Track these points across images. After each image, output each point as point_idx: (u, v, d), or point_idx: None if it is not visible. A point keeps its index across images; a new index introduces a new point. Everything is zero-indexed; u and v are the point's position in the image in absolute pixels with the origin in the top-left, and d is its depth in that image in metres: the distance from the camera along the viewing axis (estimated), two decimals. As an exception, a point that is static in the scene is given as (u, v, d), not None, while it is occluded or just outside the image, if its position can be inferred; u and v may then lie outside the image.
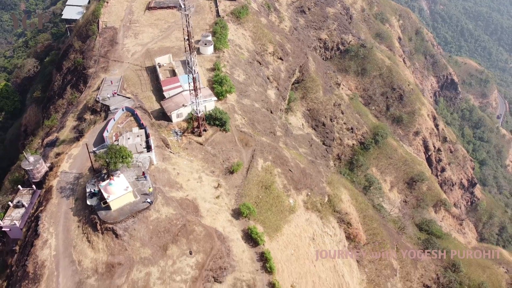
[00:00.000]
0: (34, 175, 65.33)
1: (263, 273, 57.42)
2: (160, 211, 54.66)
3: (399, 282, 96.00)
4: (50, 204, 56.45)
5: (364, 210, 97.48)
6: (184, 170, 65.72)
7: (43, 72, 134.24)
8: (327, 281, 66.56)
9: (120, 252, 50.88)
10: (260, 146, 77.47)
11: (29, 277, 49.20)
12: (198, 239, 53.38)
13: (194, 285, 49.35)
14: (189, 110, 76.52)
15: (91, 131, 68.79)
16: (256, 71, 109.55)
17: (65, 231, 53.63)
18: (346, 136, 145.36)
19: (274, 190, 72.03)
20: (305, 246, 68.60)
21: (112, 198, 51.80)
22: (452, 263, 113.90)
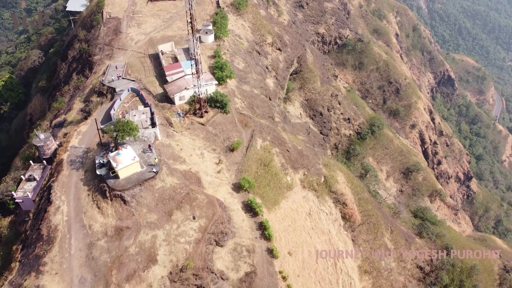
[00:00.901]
0: (45, 151, 68.92)
1: (261, 240, 61.06)
2: (165, 181, 58.26)
3: (393, 262, 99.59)
4: (61, 175, 59.99)
5: (359, 193, 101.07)
6: (187, 146, 69.32)
7: (48, 62, 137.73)
8: (322, 250, 70.12)
9: (128, 217, 54.45)
10: (259, 127, 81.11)
11: (43, 239, 52.73)
12: (201, 206, 56.97)
13: (198, 246, 52.91)
14: (191, 93, 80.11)
15: (99, 110, 72.36)
16: (255, 60, 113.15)
17: (76, 199, 57.16)
18: (343, 126, 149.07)
19: (272, 168, 75.64)
20: (302, 220, 72.20)
21: (120, 167, 55.37)
22: (445, 246, 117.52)
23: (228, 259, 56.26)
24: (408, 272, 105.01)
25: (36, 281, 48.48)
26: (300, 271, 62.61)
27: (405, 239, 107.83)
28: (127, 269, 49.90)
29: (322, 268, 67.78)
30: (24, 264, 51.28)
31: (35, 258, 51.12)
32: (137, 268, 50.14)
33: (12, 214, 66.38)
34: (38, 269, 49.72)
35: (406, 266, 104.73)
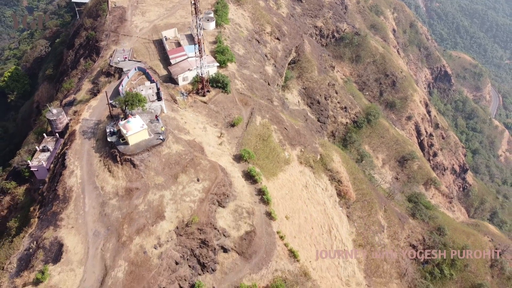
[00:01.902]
0: (57, 125, 73.45)
1: (260, 204, 65.64)
2: (171, 147, 62.85)
3: (386, 238, 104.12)
4: (74, 143, 64.58)
5: (354, 174, 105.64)
6: (190, 120, 73.90)
7: (54, 52, 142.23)
8: (318, 220, 74.68)
9: (137, 179, 59.02)
10: (258, 106, 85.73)
11: (59, 198, 57.28)
12: (204, 170, 61.53)
13: (202, 204, 57.48)
14: (194, 74, 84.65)
15: (107, 87, 76.86)
16: (254, 48, 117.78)
17: (88, 164, 61.75)
18: (340, 114, 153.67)
19: (270, 143, 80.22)
20: (298, 190, 76.78)
21: (130, 133, 59.94)
22: (438, 227, 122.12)
23: (230, 219, 60.83)
24: (402, 250, 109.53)
25: (54, 233, 53.04)
26: (296, 233, 67.15)
27: (398, 219, 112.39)
28: (137, 224, 54.43)
29: (318, 233, 72.31)
30: (43, 220, 55.83)
31: (52, 214, 55.68)
32: (146, 223, 54.68)
33: (27, 182, 70.80)
34: (56, 223, 54.29)
35: (399, 244, 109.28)
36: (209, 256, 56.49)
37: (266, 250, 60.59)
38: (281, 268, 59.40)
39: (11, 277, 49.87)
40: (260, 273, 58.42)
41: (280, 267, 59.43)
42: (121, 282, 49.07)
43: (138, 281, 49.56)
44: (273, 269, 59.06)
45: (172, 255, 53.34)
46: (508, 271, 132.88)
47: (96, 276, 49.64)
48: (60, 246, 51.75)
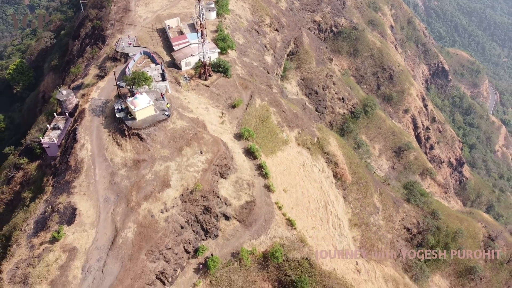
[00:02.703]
0: (67, 106, 77.30)
1: (259, 178, 69.65)
2: (176, 123, 66.79)
3: (381, 220, 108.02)
4: (84, 120, 68.53)
5: (351, 158, 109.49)
6: (193, 101, 77.85)
7: (59, 43, 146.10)
8: (314, 195, 78.59)
9: (144, 152, 62.97)
10: (258, 89, 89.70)
11: (71, 169, 61.22)
12: (207, 143, 65.47)
13: (205, 174, 61.42)
14: (196, 59, 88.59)
15: (114, 70, 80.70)
16: (254, 38, 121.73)
17: (98, 139, 65.69)
18: (338, 105, 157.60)
19: (269, 124, 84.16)
20: (296, 168, 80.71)
21: (137, 109, 63.87)
22: (432, 211, 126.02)
23: (231, 189, 64.78)
24: (396, 232, 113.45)
25: (67, 199, 56.96)
26: (294, 206, 71.02)
27: (393, 202, 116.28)
28: (144, 191, 58.37)
29: (314, 207, 76.20)
30: (56, 187, 59.75)
31: (65, 183, 59.62)
32: (153, 190, 58.61)
33: (39, 159, 74.64)
34: (69, 190, 58.23)
35: (394, 226, 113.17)
36: (211, 222, 60.43)
37: (265, 218, 64.56)
38: (279, 235, 63.32)
39: (28, 237, 53.77)
40: (259, 239, 62.37)
41: (278, 234, 63.34)
42: (131, 241, 53.00)
43: (147, 240, 53.50)
44: (272, 236, 62.97)
45: (177, 219, 57.29)
46: (501, 256, 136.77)
47: (108, 236, 53.56)
48: (73, 210, 55.67)
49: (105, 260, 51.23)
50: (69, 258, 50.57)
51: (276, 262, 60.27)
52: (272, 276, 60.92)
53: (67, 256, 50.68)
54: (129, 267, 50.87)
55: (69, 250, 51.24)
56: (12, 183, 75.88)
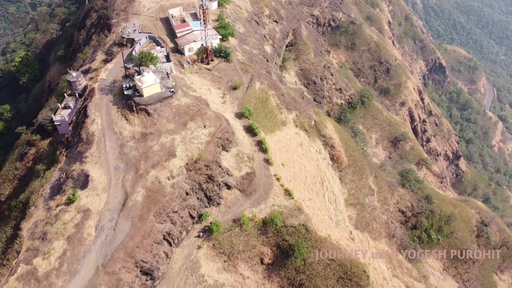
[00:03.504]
0: (76, 87, 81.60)
1: (259, 153, 73.96)
2: (180, 100, 71.07)
3: (376, 202, 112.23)
4: (94, 98, 72.79)
5: (347, 142, 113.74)
6: (196, 82, 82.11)
7: (65, 35, 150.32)
8: (311, 172, 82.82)
9: (151, 126, 67.24)
10: (258, 73, 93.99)
11: (83, 141, 65.48)
12: (210, 118, 69.73)
13: (208, 145, 65.69)
14: (199, 45, 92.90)
15: (121, 54, 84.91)
16: (254, 29, 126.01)
17: (107, 115, 69.95)
18: (335, 95, 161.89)
19: (269, 105, 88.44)
20: (294, 146, 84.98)
21: (144, 85, 68.12)
22: (426, 196, 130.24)
23: (232, 161, 69.06)
24: (391, 215, 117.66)
25: (80, 166, 61.25)
26: (291, 179, 75.19)
27: (388, 186, 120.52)
28: (152, 160, 62.63)
29: (311, 182, 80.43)
30: (70, 157, 64.03)
31: (78, 153, 63.90)
32: (160, 160, 62.86)
33: (50, 136, 78.86)
34: (81, 160, 62.51)
35: (389, 209, 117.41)
36: (214, 190, 64.71)
37: (264, 188, 68.85)
38: (277, 203, 67.58)
39: (45, 201, 58.02)
40: (259, 207, 66.66)
41: (276, 203, 67.61)
42: (140, 204, 57.27)
43: (155, 203, 57.77)
44: (271, 204, 67.24)
45: (182, 186, 61.55)
46: (493, 241, 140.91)
47: (118, 200, 57.83)
48: (86, 176, 59.95)
49: (117, 220, 55.48)
50: (83, 218, 54.84)
51: (274, 227, 64.48)
52: (271, 241, 65.15)
53: (81, 216, 54.94)
54: (139, 226, 55.13)
55: (83, 211, 55.50)
56: (25, 160, 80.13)
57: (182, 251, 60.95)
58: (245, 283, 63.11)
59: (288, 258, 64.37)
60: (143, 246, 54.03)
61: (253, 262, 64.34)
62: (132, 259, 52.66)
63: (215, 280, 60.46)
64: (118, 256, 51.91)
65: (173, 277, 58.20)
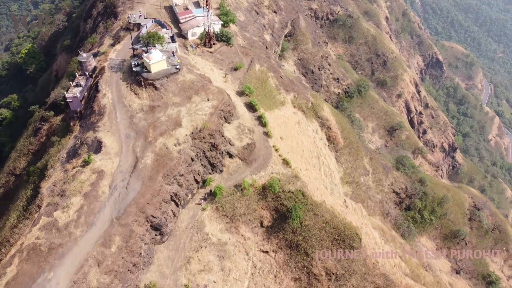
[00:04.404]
0: (87, 67, 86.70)
1: (259, 127, 79.07)
2: (185, 76, 76.14)
3: (371, 182, 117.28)
4: (104, 75, 77.82)
5: (343, 125, 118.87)
6: (199, 63, 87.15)
7: (71, 26, 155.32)
8: (308, 147, 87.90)
9: (158, 99, 72.29)
10: (258, 56, 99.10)
11: (95, 112, 70.53)
12: (213, 93, 74.77)
13: (211, 116, 70.73)
14: (201, 30, 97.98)
15: (130, 35, 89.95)
16: (254, 18, 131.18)
17: (117, 90, 74.98)
18: (333, 85, 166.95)
19: (268, 86, 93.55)
20: (292, 124, 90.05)
21: (152, 62, 73.17)
22: (420, 179, 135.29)
23: (234, 133, 74.12)
24: (386, 195, 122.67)
25: (94, 134, 66.32)
26: (289, 151, 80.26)
27: (383, 168, 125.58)
28: (160, 129, 67.66)
29: (308, 156, 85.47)
30: (83, 127, 69.12)
31: (91, 123, 68.96)
32: (167, 129, 67.89)
33: (63, 112, 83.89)
34: (95, 128, 67.56)
35: (383, 190, 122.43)
36: (217, 158, 69.78)
37: (264, 158, 73.91)
38: (276, 171, 72.60)
39: (62, 164, 63.07)
40: (259, 174, 71.71)
41: (275, 171, 72.63)
42: (150, 166, 62.32)
43: (163, 166, 62.82)
44: (270, 172, 72.28)
45: (188, 152, 66.61)
46: (486, 225, 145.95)
47: (129, 163, 62.86)
48: (99, 143, 64.99)
49: (128, 180, 60.51)
50: (98, 178, 59.87)
51: (273, 192, 69.45)
52: (270, 205, 70.17)
53: (96, 177, 59.98)
54: (149, 185, 60.16)
55: (97, 172, 60.54)
56: (39, 135, 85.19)
57: (187, 212, 66.01)
58: (246, 243, 68.16)
59: (286, 221, 69.36)
60: (152, 203, 59.06)
61: (254, 224, 69.37)
62: (143, 214, 57.69)
63: (218, 239, 65.50)
64: (131, 211, 56.94)
65: (180, 235, 63.26)
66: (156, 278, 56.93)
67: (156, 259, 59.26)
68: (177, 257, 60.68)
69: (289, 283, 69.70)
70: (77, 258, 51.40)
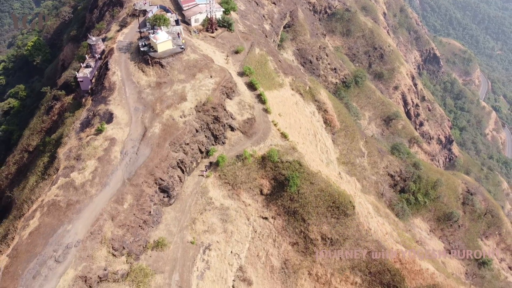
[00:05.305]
0: (96, 50, 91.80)
1: (259, 104, 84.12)
2: (190, 56, 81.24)
3: (367, 163, 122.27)
4: (113, 56, 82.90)
5: (339, 109, 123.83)
6: (202, 45, 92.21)
7: (77, 17, 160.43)
8: (305, 125, 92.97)
9: (164, 76, 77.37)
10: (257, 41, 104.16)
11: (106, 88, 75.61)
12: (216, 71, 79.85)
13: (214, 91, 75.81)
14: (204, 16, 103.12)
15: (137, 19, 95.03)
16: (253, 8, 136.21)
17: (126, 69, 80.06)
18: (330, 74, 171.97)
19: (267, 68, 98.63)
20: (290, 104, 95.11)
21: (158, 42, 78.26)
22: (414, 162, 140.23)
23: (235, 108, 79.19)
24: (381, 178, 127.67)
25: (105, 107, 71.41)
26: (287, 127, 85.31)
27: (378, 151, 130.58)
28: (166, 103, 72.72)
29: (305, 133, 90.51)
30: (95, 101, 74.20)
31: (102, 98, 74.05)
32: (173, 102, 72.96)
33: (74, 92, 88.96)
34: (106, 102, 72.65)
35: (378, 172, 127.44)
36: (220, 130, 74.85)
37: (263, 131, 78.98)
38: (274, 143, 77.64)
39: (77, 133, 68.14)
40: (258, 146, 76.78)
41: (274, 143, 77.67)
42: (157, 134, 67.39)
43: (170, 135, 67.89)
44: (269, 144, 77.33)
45: (193, 124, 71.68)
46: (479, 209, 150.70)
47: (139, 132, 67.94)
48: (110, 114, 70.06)
49: (138, 147, 65.58)
50: (110, 145, 64.92)
51: (272, 162, 74.49)
52: (269, 175, 75.19)
53: (108, 143, 65.04)
54: (157, 151, 65.20)
55: (110, 139, 65.60)
56: (51, 113, 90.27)
57: (192, 179, 71.09)
58: (246, 209, 73.21)
59: (284, 189, 74.39)
60: (161, 167, 64.10)
61: (254, 192, 74.42)
62: (152, 176, 62.74)
63: (221, 204, 70.55)
64: (141, 173, 62.00)
65: (185, 199, 68.31)
66: (164, 234, 61.97)
67: (164, 219, 64.30)
68: (183, 218, 65.73)
69: (287, 247, 74.76)
70: (92, 213, 56.42)
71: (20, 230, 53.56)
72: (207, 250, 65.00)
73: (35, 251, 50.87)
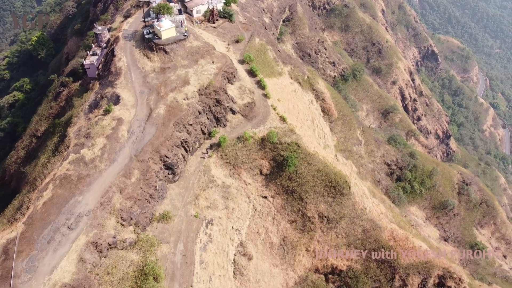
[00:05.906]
0: (102, 39, 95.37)
1: (258, 89, 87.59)
2: (192, 43, 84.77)
3: (363, 152, 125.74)
4: (119, 43, 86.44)
5: (337, 99, 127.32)
6: (204, 34, 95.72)
7: (81, 11, 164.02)
8: (303, 111, 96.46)
9: (168, 62, 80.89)
10: (257, 31, 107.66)
11: (113, 73, 79.14)
12: (217, 57, 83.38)
13: (216, 76, 79.32)
14: (205, 7, 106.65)
15: (142, 9, 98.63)
16: (253, 2, 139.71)
17: (131, 55, 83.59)
18: (329, 68, 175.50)
19: (267, 57, 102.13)
20: (289, 91, 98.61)
21: (162, 29, 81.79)
22: (410, 152, 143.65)
23: (236, 92, 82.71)
24: (377, 166, 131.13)
25: (112, 90, 74.95)
26: (286, 111, 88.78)
27: (374, 140, 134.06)
28: (170, 87, 76.24)
29: (303, 118, 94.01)
30: (102, 84, 77.76)
31: (109, 82, 77.58)
32: (177, 86, 76.48)
33: (81, 79, 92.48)
34: (113, 85, 76.20)
35: (375, 160, 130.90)
36: (221, 113, 78.36)
37: (262, 115, 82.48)
38: (273, 126, 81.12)
39: (85, 114, 71.69)
40: (258, 128, 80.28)
41: (273, 125, 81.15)
42: (162, 115, 70.91)
43: (174, 115, 71.41)
44: (268, 126, 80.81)
45: (196, 106, 75.21)
46: (474, 199, 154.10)
47: (144, 113, 71.47)
48: (117, 96, 73.60)
49: (144, 126, 69.11)
50: (118, 124, 68.44)
51: (271, 143, 77.94)
52: (268, 155, 78.66)
53: (116, 123, 68.55)
54: (162, 130, 68.72)
55: (117, 119, 69.12)
56: (59, 100, 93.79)
57: (195, 159, 74.59)
58: (247, 188, 76.69)
59: (283, 169, 77.84)
60: (166, 145, 67.62)
61: (254, 172, 77.90)
62: (158, 154, 66.27)
63: (223, 182, 74.02)
64: (147, 150, 65.53)
65: (189, 176, 71.82)
66: (169, 208, 65.48)
67: (169, 195, 67.82)
68: (187, 194, 69.22)
69: (285, 225, 78.26)
70: (102, 186, 59.93)
71: (35, 201, 57.02)
72: (209, 225, 68.45)
73: (49, 219, 54.33)
